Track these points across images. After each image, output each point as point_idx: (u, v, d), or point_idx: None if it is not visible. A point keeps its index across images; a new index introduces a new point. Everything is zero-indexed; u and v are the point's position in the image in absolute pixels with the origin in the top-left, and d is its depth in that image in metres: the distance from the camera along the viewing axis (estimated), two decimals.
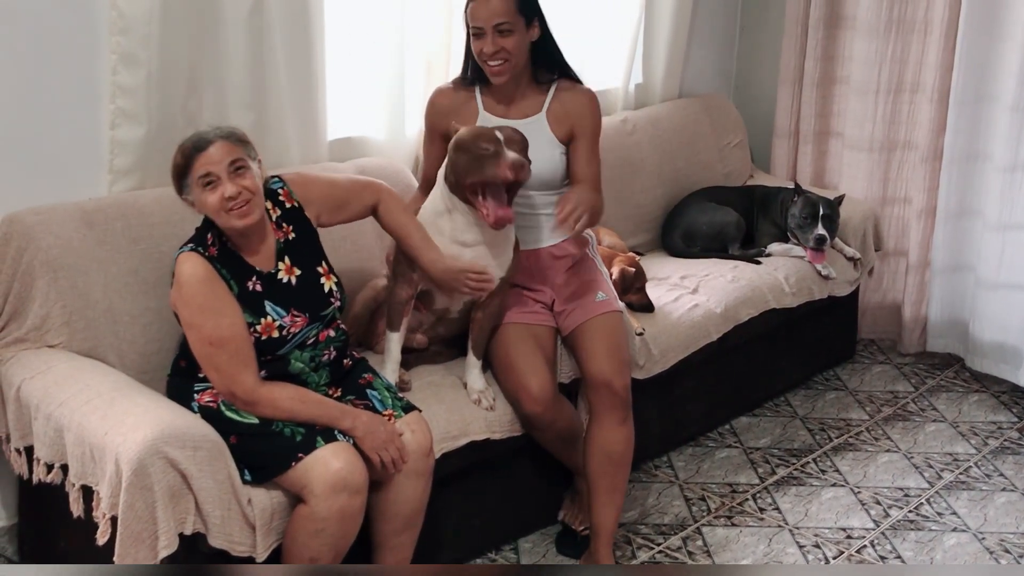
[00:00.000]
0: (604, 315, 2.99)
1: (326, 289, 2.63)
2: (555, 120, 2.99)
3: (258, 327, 2.50)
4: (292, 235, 2.61)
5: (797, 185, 4.09)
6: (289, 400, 2.49)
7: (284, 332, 2.53)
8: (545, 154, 2.96)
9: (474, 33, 2.90)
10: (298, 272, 2.60)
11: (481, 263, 2.79)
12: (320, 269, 2.64)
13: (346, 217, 2.79)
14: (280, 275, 2.57)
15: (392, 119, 3.49)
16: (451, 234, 2.80)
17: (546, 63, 3.01)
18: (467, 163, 2.72)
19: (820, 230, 3.97)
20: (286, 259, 2.59)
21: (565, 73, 3.05)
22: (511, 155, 2.68)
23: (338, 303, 2.65)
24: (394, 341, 2.86)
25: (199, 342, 2.46)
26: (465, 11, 2.93)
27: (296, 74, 3.18)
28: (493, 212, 2.71)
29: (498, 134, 2.72)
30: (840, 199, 4.09)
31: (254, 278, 2.53)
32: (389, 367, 2.85)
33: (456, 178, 2.76)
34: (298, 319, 2.55)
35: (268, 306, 2.53)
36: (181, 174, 2.46)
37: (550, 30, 3.01)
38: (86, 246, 2.72)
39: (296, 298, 2.57)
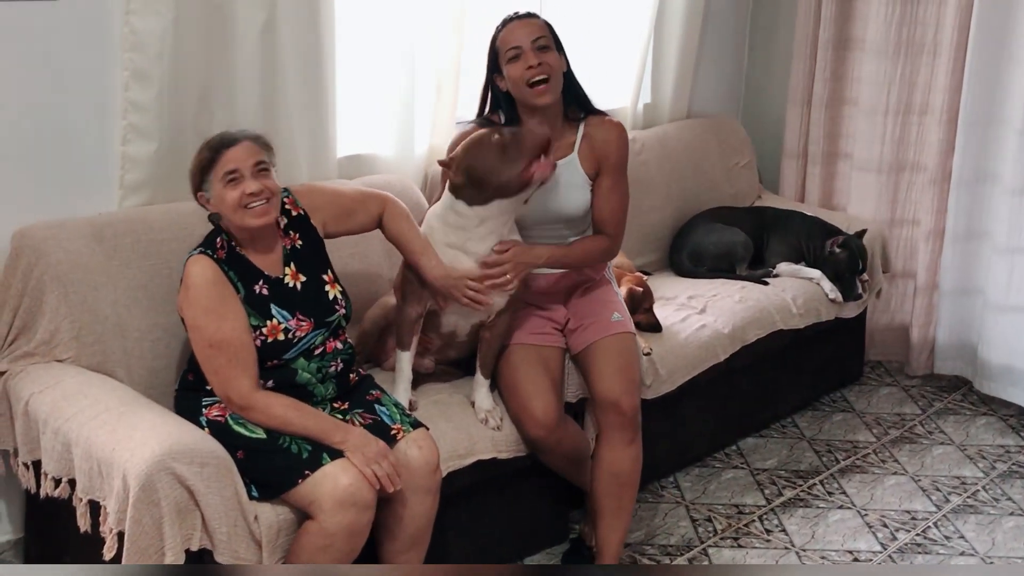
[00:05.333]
0: (616, 335, 2.99)
1: (331, 296, 2.65)
2: (585, 158, 2.96)
3: (264, 330, 2.52)
4: (299, 243, 2.65)
5: (843, 233, 4.07)
6: (283, 407, 2.49)
7: (290, 336, 2.55)
8: (576, 195, 2.95)
9: (511, 57, 2.86)
10: (303, 279, 2.63)
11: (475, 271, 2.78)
12: (325, 277, 2.67)
13: (352, 227, 2.81)
14: (287, 280, 2.60)
15: (401, 136, 3.50)
16: (463, 248, 2.78)
17: (574, 99, 2.98)
18: (495, 158, 2.69)
19: (859, 289, 4.02)
20: (292, 265, 2.62)
21: (591, 109, 3.02)
22: (539, 129, 2.72)
23: (343, 311, 2.67)
24: (405, 360, 2.86)
25: (200, 343, 2.49)
26: (493, 44, 2.91)
27: (306, 91, 3.19)
28: (543, 168, 2.71)
29: (503, 131, 2.74)
30: (862, 233, 4.13)
31: (261, 281, 2.56)
32: (401, 387, 2.85)
33: (484, 179, 2.70)
34: (303, 323, 2.57)
35: (274, 309, 2.55)
36: (205, 168, 2.49)
37: (571, 67, 3.00)
38: (96, 261, 2.73)
39: (301, 303, 2.59)
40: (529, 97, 2.88)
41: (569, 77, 2.98)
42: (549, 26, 2.95)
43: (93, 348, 2.70)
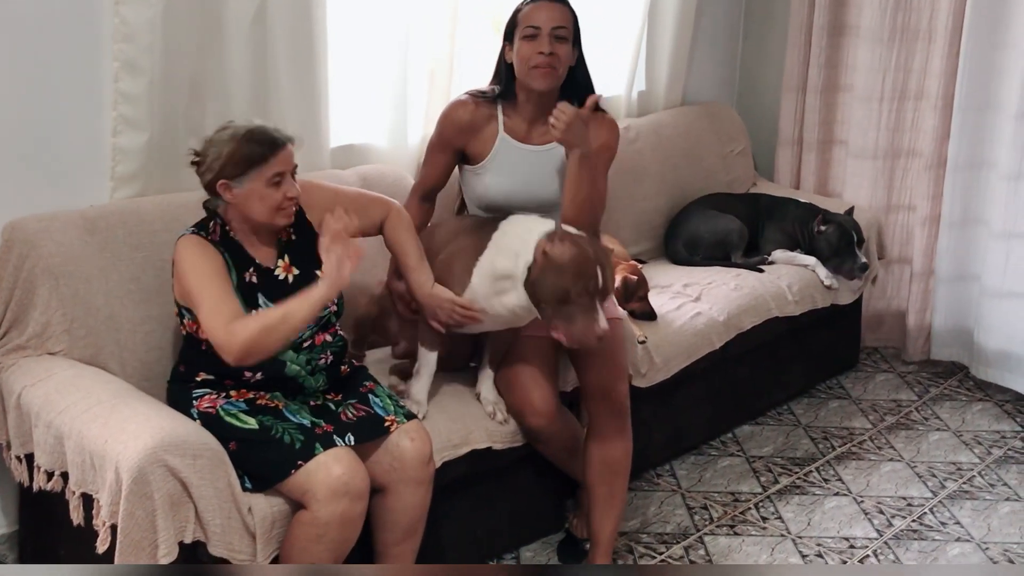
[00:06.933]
0: None
1: None
2: None
3: None
4: (293, 236, 2.64)
5: (825, 212, 4.07)
6: (260, 315, 2.46)
7: None
8: (560, 182, 2.94)
9: (527, 35, 2.85)
10: (296, 272, 2.62)
11: (476, 303, 2.72)
12: (318, 273, 2.64)
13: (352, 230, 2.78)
14: (278, 272, 2.59)
15: (394, 126, 3.49)
16: (512, 305, 2.70)
17: (575, 91, 2.95)
18: (555, 300, 2.57)
19: (862, 258, 3.99)
20: (286, 257, 2.62)
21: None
22: (602, 323, 2.57)
23: (334, 307, 2.65)
24: (432, 357, 2.82)
25: (195, 308, 2.46)
26: (515, 16, 2.90)
27: (299, 81, 3.18)
28: (566, 338, 2.62)
29: (599, 276, 2.57)
30: (851, 211, 4.13)
31: (251, 269, 2.56)
32: (424, 381, 2.81)
33: (537, 295, 2.61)
34: None
35: (261, 299, 2.54)
36: (253, 163, 2.44)
37: (585, 59, 3.00)
38: (87, 253, 2.72)
39: (290, 296, 2.56)
40: (528, 78, 2.88)
41: (577, 70, 2.96)
42: (574, 16, 2.93)
43: (85, 341, 2.69)
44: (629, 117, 4.29)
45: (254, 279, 2.56)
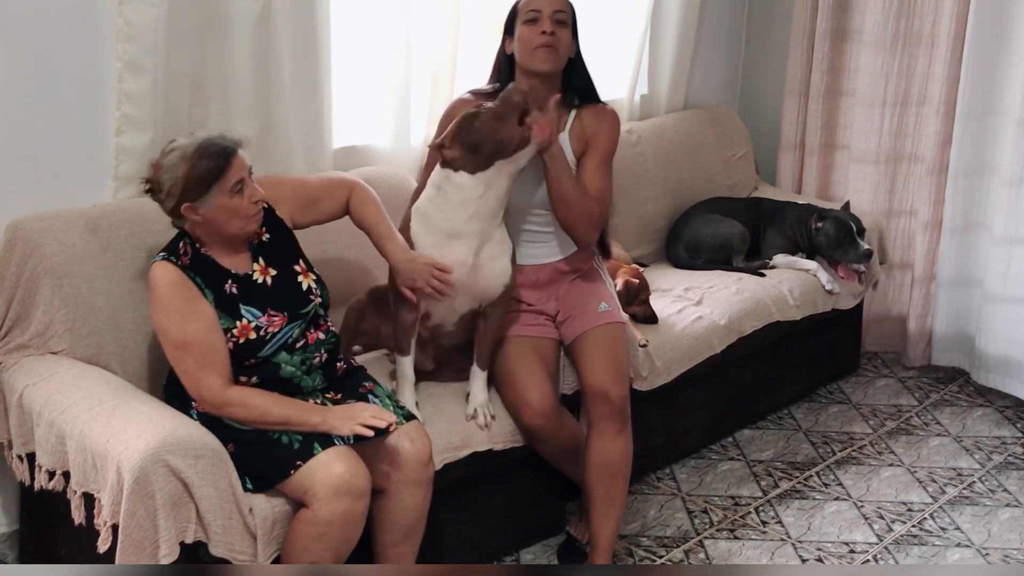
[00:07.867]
0: (605, 326, 2.98)
1: (304, 287, 2.63)
2: (575, 139, 2.97)
3: (235, 331, 2.50)
4: (266, 236, 2.62)
5: (820, 209, 4.08)
6: (260, 396, 2.48)
7: (262, 333, 2.52)
8: None
9: (529, 19, 2.89)
10: (274, 272, 2.60)
11: (447, 261, 2.73)
12: (297, 268, 2.64)
13: (319, 216, 2.76)
14: (255, 276, 2.58)
15: (397, 127, 3.49)
16: (449, 227, 2.76)
17: (574, 86, 2.98)
18: (493, 120, 2.70)
19: (866, 245, 4.00)
20: (261, 260, 2.60)
21: (591, 98, 3.03)
22: (518, 85, 2.77)
23: (319, 300, 2.64)
24: (406, 364, 2.84)
25: (168, 346, 2.47)
26: (515, 7, 2.95)
27: (301, 82, 3.18)
28: (544, 129, 2.72)
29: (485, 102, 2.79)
30: (847, 205, 4.14)
31: (229, 281, 2.53)
32: (407, 390, 2.82)
33: (477, 143, 2.70)
34: (275, 319, 2.55)
35: (243, 309, 2.53)
36: (211, 179, 2.41)
37: (582, 56, 3.02)
38: (90, 253, 2.72)
39: (272, 298, 2.56)
40: (531, 60, 2.90)
41: (576, 65, 2.99)
42: (572, 8, 2.98)
43: (87, 340, 2.69)
44: (631, 121, 4.29)
45: (234, 290, 2.53)
